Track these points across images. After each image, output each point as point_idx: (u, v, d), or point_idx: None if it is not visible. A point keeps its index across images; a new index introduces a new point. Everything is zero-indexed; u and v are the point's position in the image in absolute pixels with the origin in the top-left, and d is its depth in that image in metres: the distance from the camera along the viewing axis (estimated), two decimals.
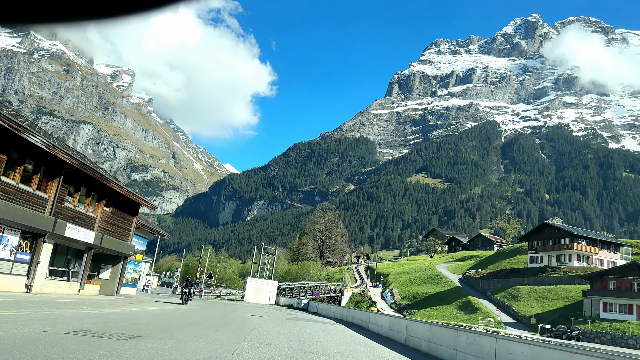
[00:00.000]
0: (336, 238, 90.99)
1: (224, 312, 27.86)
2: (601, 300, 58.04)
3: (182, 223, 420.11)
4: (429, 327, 18.13)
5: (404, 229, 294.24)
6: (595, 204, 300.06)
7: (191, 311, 25.04)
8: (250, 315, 27.27)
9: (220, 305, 38.96)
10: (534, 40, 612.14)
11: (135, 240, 36.20)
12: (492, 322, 57.55)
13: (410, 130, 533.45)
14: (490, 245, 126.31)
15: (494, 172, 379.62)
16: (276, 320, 24.52)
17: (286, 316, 31.71)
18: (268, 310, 39.91)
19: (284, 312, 39.80)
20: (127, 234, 31.57)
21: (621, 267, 60.76)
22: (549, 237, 78.15)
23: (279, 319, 26.13)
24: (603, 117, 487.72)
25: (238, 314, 27.06)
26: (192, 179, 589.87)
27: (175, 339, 10.73)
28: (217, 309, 32.19)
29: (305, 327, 21.71)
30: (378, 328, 26.50)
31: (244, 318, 23.85)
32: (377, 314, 29.77)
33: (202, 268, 69.81)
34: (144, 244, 40.57)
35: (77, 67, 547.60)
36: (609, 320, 54.93)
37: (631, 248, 79.93)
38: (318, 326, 24.49)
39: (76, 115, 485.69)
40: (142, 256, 40.70)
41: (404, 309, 72.12)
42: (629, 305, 56.09)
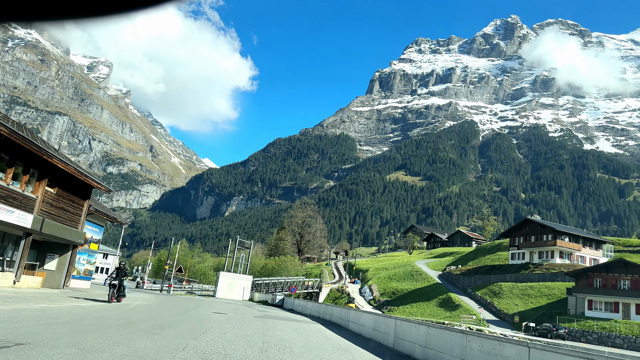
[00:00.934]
0: (315, 233, 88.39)
1: (182, 310, 24.58)
2: (586, 298, 56.65)
3: (158, 218, 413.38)
4: (425, 329, 14.75)
5: (382, 226, 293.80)
6: (570, 204, 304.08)
7: (140, 308, 21.58)
8: (213, 312, 24.20)
9: (184, 302, 35.76)
10: (512, 42, 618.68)
11: (89, 228, 32.78)
12: (474, 320, 55.68)
13: (390, 128, 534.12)
14: (469, 242, 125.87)
15: (471, 170, 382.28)
16: (242, 319, 21.56)
17: (256, 313, 28.98)
18: (238, 306, 36.83)
19: (255, 308, 36.98)
20: (77, 219, 28.12)
21: (607, 264, 59.46)
22: (531, 233, 76.60)
23: (245, 318, 23.23)
24: (578, 118, 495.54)
25: (199, 312, 23.96)
26: (169, 173, 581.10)
27: (79, 347, 7.74)
28: (176, 305, 29.03)
29: (274, 328, 18.93)
30: (360, 328, 23.54)
31: (203, 316, 20.89)
32: (358, 312, 26.59)
33: (172, 262, 66.20)
34: (99, 232, 36.34)
35: (52, 57, 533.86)
36: (594, 318, 53.74)
37: (613, 245, 78.96)
38: (290, 326, 21.70)
39: (51, 106, 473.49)
40: (98, 246, 36.48)
41: (383, 306, 70.25)
42: (614, 303, 54.80)
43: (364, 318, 23.45)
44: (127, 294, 24.18)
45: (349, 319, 26.69)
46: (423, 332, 14.72)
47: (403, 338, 16.52)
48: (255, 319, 23.19)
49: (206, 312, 23.76)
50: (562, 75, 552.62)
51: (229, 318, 20.99)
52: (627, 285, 54.59)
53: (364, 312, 26.23)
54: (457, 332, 12.37)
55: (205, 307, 29.34)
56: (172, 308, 25.19)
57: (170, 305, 28.25)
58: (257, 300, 54.90)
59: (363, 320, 23.27)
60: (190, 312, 23.35)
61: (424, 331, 14.68)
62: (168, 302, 31.04)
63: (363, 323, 23.00)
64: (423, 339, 14.49)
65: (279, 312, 35.46)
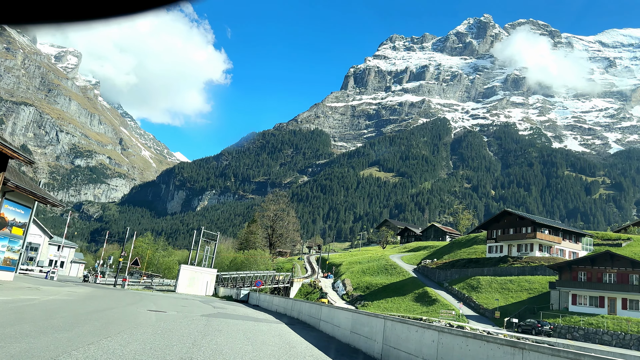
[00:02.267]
0: (287, 227, 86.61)
1: (105, 307, 20.54)
2: (570, 292, 54.99)
3: (128, 212, 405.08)
4: (437, 335, 10.10)
5: (355, 221, 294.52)
6: (539, 201, 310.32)
7: (46, 305, 17.90)
8: (147, 310, 19.87)
9: (123, 297, 31.23)
10: (485, 40, 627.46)
11: (9, 209, 28.52)
12: (453, 316, 54.24)
13: (364, 124, 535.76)
14: (443, 236, 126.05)
15: (443, 167, 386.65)
16: (181, 320, 17.42)
17: (207, 311, 24.91)
18: (191, 302, 32.88)
19: (211, 305, 32.94)
20: None
21: (593, 256, 58.14)
22: (509, 225, 74.43)
23: (188, 317, 19.05)
24: (548, 117, 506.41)
25: (126, 310, 19.89)
26: (139, 167, 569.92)
27: None
28: (105, 301, 24.90)
29: (218, 332, 14.84)
30: (333, 329, 19.56)
31: (124, 316, 16.70)
32: (332, 309, 22.42)
33: (127, 253, 62.65)
34: (25, 214, 30.68)
35: (18, 46, 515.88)
36: (579, 313, 52.09)
37: (592, 239, 78.27)
38: (244, 327, 17.87)
39: (16, 96, 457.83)
40: (25, 230, 31.12)
41: (356, 300, 68.77)
42: (599, 298, 53.16)
43: (339, 316, 19.47)
44: (54, 287, 22.89)
45: (320, 317, 22.67)
46: (432, 340, 10.21)
47: (397, 347, 12.27)
48: (202, 318, 19.44)
49: (137, 310, 19.76)
50: (532, 75, 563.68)
51: (162, 318, 16.94)
52: (613, 278, 52.94)
53: (338, 309, 21.39)
54: (500, 343, 8.13)
55: (144, 303, 25.40)
56: (95, 304, 21.20)
57: (97, 301, 24.22)
58: (221, 296, 52.18)
59: (338, 319, 19.42)
60: (114, 310, 19.34)
61: (433, 339, 10.17)
62: (98, 298, 26.97)
63: (338, 323, 19.20)
64: (432, 352, 10.03)
65: (240, 309, 31.55)
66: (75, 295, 25.27)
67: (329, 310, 22.16)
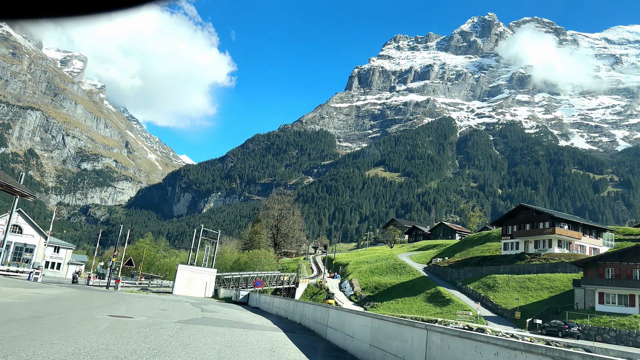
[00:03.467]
0: (292, 226, 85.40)
1: (63, 310, 17.53)
2: (597, 290, 51.03)
3: (134, 215, 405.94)
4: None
5: (361, 221, 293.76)
6: (546, 199, 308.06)
7: None
8: (109, 316, 16.33)
9: (101, 299, 27.99)
10: (489, 39, 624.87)
11: None
12: (470, 317, 51.25)
13: (369, 124, 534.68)
14: (452, 235, 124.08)
15: (449, 167, 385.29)
16: (145, 328, 14.07)
17: (192, 315, 21.61)
18: (181, 305, 29.53)
19: (202, 307, 29.28)
20: None
21: (621, 251, 54.45)
22: (525, 221, 70.93)
23: (158, 324, 15.52)
24: (554, 115, 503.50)
25: (84, 314, 16.59)
26: (145, 170, 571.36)
27: None
28: (69, 303, 21.85)
29: (185, 347, 11.30)
30: (345, 339, 14.88)
31: (69, 322, 13.32)
32: (342, 312, 17.10)
33: (119, 253, 60.16)
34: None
35: (24, 51, 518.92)
36: (607, 313, 48.05)
37: (613, 234, 74.87)
38: (226, 339, 13.91)
39: (23, 101, 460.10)
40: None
41: (365, 301, 66.81)
42: (629, 296, 48.70)
43: (353, 323, 14.36)
44: (17, 289, 21.43)
45: (327, 323, 18.12)
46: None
47: None
48: (175, 326, 15.74)
49: (93, 316, 15.90)
50: (537, 73, 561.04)
51: (117, 327, 13.39)
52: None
53: (352, 312, 15.77)
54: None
55: (115, 307, 22.01)
56: (46, 308, 17.46)
57: (54, 304, 20.43)
58: (221, 297, 49.88)
59: (351, 327, 14.45)
60: (61, 315, 15.42)
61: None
62: (61, 300, 23.12)
63: (351, 331, 14.31)
64: None
65: (233, 313, 27.57)
66: (32, 297, 21.36)
67: (338, 315, 17.15)
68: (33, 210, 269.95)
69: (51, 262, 74.87)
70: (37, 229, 70.78)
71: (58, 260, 76.64)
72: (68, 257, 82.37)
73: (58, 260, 76.46)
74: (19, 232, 67.97)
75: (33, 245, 67.89)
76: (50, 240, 77.19)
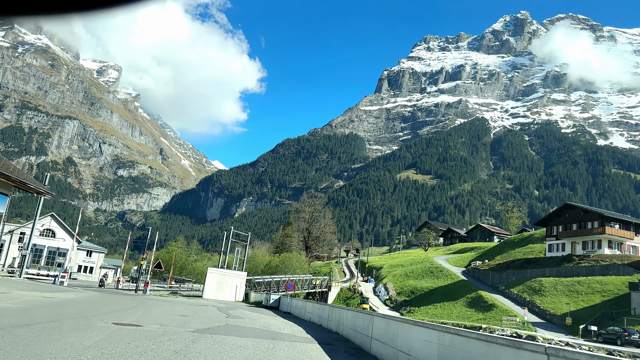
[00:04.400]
0: (323, 229, 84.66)
1: (64, 317, 15.27)
2: None
3: (169, 220, 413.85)
4: None
5: (393, 225, 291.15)
6: (585, 200, 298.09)
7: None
8: (113, 324, 14.29)
9: (117, 303, 26.53)
10: (522, 38, 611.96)
11: None
12: (518, 323, 48.48)
13: (400, 126, 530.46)
14: (490, 237, 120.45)
15: (483, 168, 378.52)
16: (149, 340, 11.87)
17: (215, 322, 19.58)
18: (206, 310, 27.63)
19: (228, 313, 27.27)
20: None
21: None
22: (572, 220, 67.52)
23: (168, 335, 13.37)
24: (591, 114, 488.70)
25: (84, 322, 14.18)
26: (179, 176, 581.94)
27: None
28: (78, 308, 20.05)
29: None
30: (397, 358, 11.85)
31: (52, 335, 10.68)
32: (392, 322, 13.61)
33: (148, 256, 60.27)
34: (1, 202, 25.30)
35: (62, 62, 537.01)
36: None
37: None
38: (247, 355, 11.82)
39: (61, 110, 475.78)
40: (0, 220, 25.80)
41: (400, 306, 64.99)
42: None
43: (409, 336, 11.25)
44: (33, 292, 19.56)
45: (372, 335, 14.93)
46: None
47: None
48: (189, 336, 13.66)
49: (93, 324, 13.73)
50: (573, 71, 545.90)
51: (113, 339, 11.25)
52: None
53: (407, 323, 12.15)
54: None
55: (128, 312, 20.36)
56: (48, 314, 15.41)
57: (60, 309, 18.32)
58: (252, 301, 48.72)
59: (407, 341, 11.31)
60: (52, 324, 12.75)
61: None
62: (72, 305, 21.36)
63: (407, 348, 11.11)
64: None
65: (262, 319, 25.37)
66: (38, 302, 19.82)
67: (387, 325, 13.77)
68: (72, 217, 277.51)
69: (84, 266, 76.04)
70: (69, 233, 71.90)
71: (90, 264, 77.81)
72: (100, 261, 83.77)
73: (90, 264, 77.65)
74: (51, 236, 69.63)
75: (66, 250, 68.83)
76: (83, 244, 78.58)
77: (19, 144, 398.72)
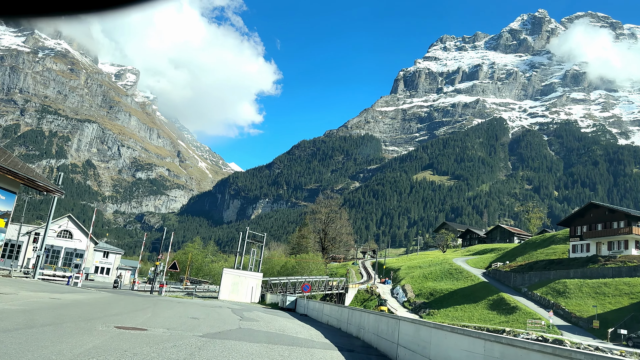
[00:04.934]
0: (340, 230, 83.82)
1: (63, 319, 14.19)
2: None
3: (186, 222, 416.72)
4: None
5: (410, 226, 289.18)
6: (606, 201, 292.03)
7: None
8: (116, 328, 13.19)
9: (129, 304, 25.63)
10: (540, 36, 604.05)
11: None
12: (542, 326, 46.98)
13: (416, 127, 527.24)
14: (510, 238, 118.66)
15: (501, 169, 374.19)
16: (149, 346, 10.62)
17: (227, 326, 18.45)
18: (219, 312, 26.87)
19: (242, 315, 26.32)
20: None
21: None
22: (596, 220, 65.79)
23: (172, 341, 12.06)
24: (612, 113, 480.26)
25: (83, 325, 13.02)
26: (197, 178, 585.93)
27: None
28: (82, 309, 18.97)
29: None
30: None
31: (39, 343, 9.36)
32: (422, 327, 11.73)
33: (164, 257, 59.74)
34: (7, 200, 24.16)
35: (81, 66, 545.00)
36: None
37: None
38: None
39: (81, 114, 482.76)
40: (6, 222, 24.62)
41: (419, 308, 63.92)
42: None
43: (445, 345, 9.70)
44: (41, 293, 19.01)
45: (399, 341, 13.49)
46: None
47: None
48: (196, 341, 12.57)
49: (93, 328, 12.60)
50: (593, 69, 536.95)
51: (110, 345, 10.08)
52: None
53: (442, 329, 10.24)
54: None
55: (136, 314, 19.43)
56: (46, 317, 14.28)
57: (62, 311, 17.21)
58: (268, 303, 48.08)
59: (442, 351, 9.75)
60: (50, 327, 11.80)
61: None
62: (78, 306, 20.44)
63: (443, 359, 9.73)
64: None
65: (277, 322, 24.31)
66: (42, 303, 18.80)
67: (416, 330, 12.02)
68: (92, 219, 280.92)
69: (100, 267, 76.27)
70: (86, 234, 72.12)
71: (107, 265, 78.00)
72: (117, 262, 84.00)
73: (107, 265, 77.84)
74: (69, 237, 69.99)
75: (83, 251, 68.87)
76: (100, 245, 78.84)
77: (39, 147, 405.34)
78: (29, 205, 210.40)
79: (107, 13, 1.82)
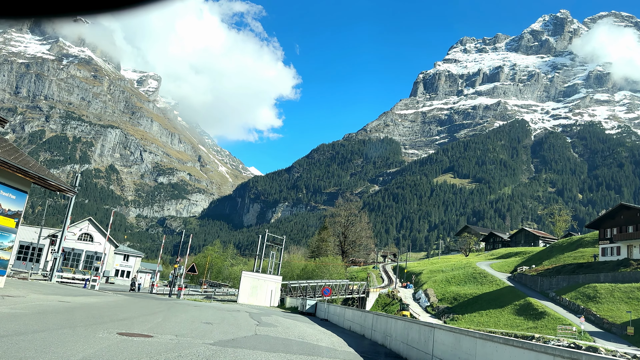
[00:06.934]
0: (360, 233, 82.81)
1: (62, 325, 13.11)
2: None
3: (207, 225, 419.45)
4: None
5: (431, 230, 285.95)
6: (632, 203, 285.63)
7: None
8: (118, 334, 12.21)
9: (143, 308, 24.77)
10: (563, 37, 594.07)
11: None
12: (573, 332, 45.52)
13: (436, 130, 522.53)
14: (535, 241, 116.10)
15: (524, 171, 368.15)
16: (152, 356, 9.53)
17: (242, 332, 17.24)
18: (236, 316, 25.75)
19: (260, 319, 25.26)
20: None
21: None
22: (627, 222, 63.50)
23: (179, 349, 10.88)
24: (637, 114, 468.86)
25: (82, 332, 11.85)
26: (217, 182, 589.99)
27: None
28: (90, 313, 18.28)
29: None
30: None
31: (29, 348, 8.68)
32: (469, 338, 10.00)
33: (182, 259, 59.32)
34: (19, 200, 22.83)
35: (104, 73, 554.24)
36: None
37: None
38: None
39: (104, 120, 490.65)
40: (17, 222, 23.20)
41: (442, 313, 62.51)
42: None
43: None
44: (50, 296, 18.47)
45: (434, 352, 12.09)
46: None
47: None
48: (207, 349, 11.56)
49: (92, 335, 11.45)
50: (617, 70, 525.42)
51: (102, 356, 8.79)
52: None
53: (492, 340, 8.81)
54: None
55: (145, 319, 18.60)
56: (33, 323, 12.75)
57: (60, 316, 15.99)
58: (287, 307, 47.14)
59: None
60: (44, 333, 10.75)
61: None
62: (86, 309, 19.64)
63: None
64: None
65: (297, 327, 23.23)
66: (47, 307, 18.17)
67: (456, 341, 10.69)
68: (115, 223, 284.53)
69: (121, 270, 76.55)
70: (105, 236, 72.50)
71: (127, 269, 78.22)
72: (137, 265, 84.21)
73: (127, 268, 78.06)
74: (89, 241, 70.41)
75: (102, 254, 69.17)
76: (120, 248, 79.13)
77: (63, 153, 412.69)
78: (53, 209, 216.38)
79: (121, 12, 1.82)
